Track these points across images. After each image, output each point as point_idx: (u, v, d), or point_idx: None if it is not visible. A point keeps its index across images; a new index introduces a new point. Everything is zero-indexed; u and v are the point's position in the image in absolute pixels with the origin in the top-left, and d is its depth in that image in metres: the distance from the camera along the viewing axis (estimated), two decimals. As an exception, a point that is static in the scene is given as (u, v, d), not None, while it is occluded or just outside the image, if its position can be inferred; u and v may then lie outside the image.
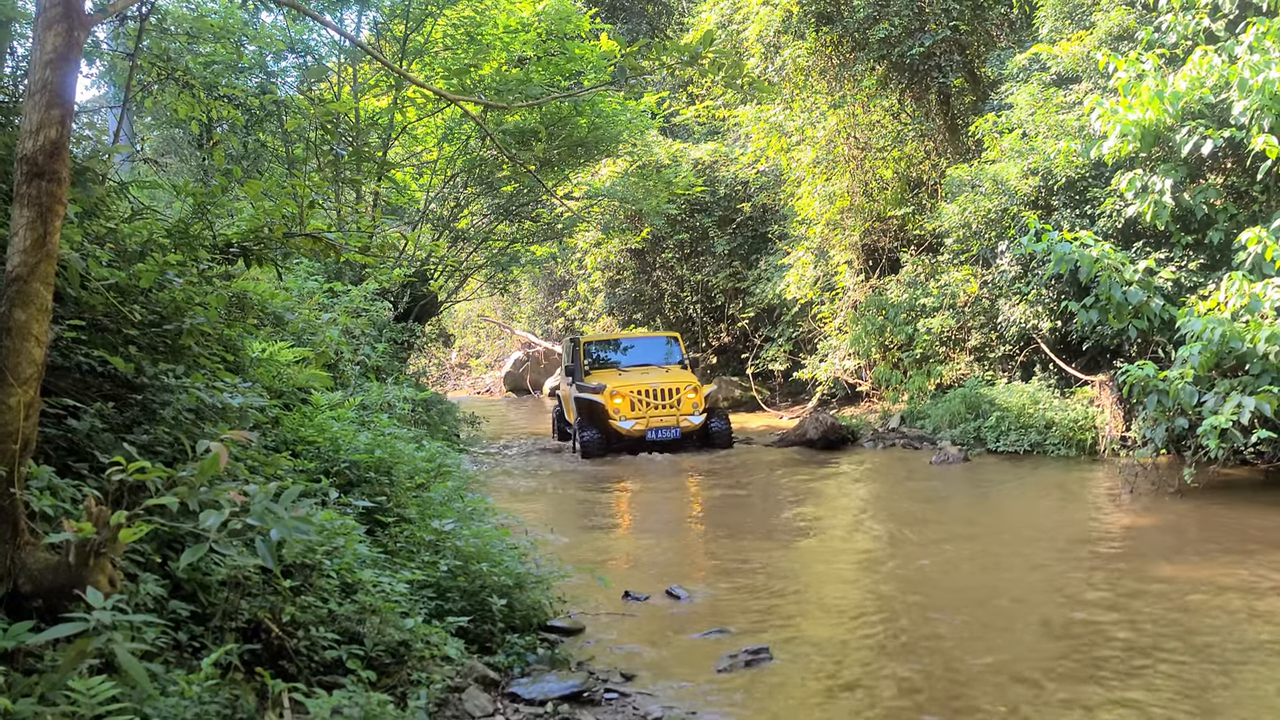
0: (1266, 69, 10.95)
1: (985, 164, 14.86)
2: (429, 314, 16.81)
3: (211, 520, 3.06)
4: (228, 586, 3.87)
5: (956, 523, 9.86)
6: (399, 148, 16.43)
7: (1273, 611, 6.49)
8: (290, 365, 6.58)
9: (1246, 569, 7.59)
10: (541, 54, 14.47)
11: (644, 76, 5.05)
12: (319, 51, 14.70)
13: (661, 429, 15.36)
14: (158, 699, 3.09)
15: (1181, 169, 12.16)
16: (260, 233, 4.93)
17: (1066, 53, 14.20)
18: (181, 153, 15.33)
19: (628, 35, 25.31)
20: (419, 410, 11.08)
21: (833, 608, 7.11)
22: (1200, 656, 5.65)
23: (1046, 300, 14.06)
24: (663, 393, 15.55)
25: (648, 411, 15.39)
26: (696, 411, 15.64)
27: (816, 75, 18.90)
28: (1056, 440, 13.44)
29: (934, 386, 16.56)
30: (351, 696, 3.74)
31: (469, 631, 5.18)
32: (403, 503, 5.83)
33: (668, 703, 4.99)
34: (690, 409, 15.56)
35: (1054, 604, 6.90)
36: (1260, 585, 7.10)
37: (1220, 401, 10.08)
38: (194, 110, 9.30)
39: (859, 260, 19.15)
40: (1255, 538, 8.58)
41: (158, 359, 4.42)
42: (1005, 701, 5.06)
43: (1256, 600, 6.73)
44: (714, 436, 15.70)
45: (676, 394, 15.56)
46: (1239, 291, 10.37)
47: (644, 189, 19.18)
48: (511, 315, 35.31)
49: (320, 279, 9.29)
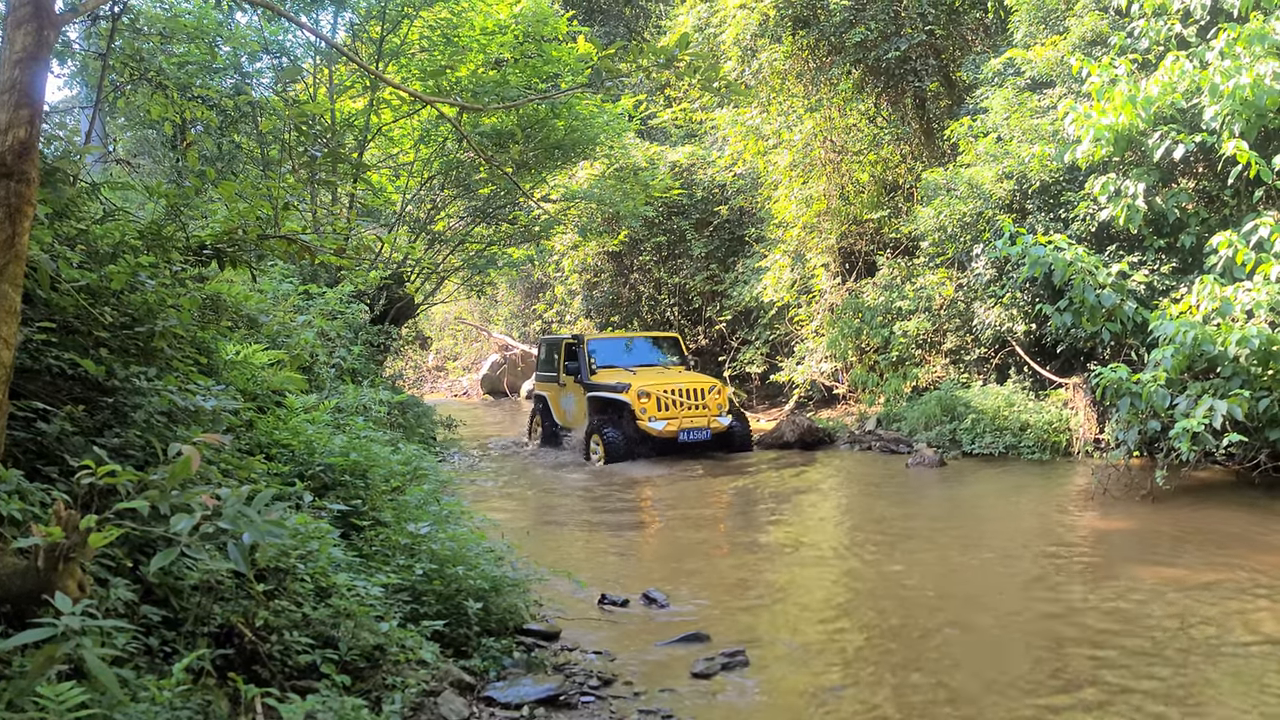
0: (1237, 75, 11.08)
1: (960, 168, 14.95)
2: (405, 316, 16.74)
3: (183, 524, 3.02)
4: (200, 591, 3.84)
5: (931, 526, 9.91)
6: (375, 149, 16.36)
7: (1241, 612, 6.56)
8: (265, 368, 6.53)
9: (1217, 571, 7.67)
10: (518, 56, 14.44)
11: (621, 79, 5.05)
12: (295, 53, 14.64)
13: (694, 430, 14.67)
14: (128, 705, 3.05)
15: (1154, 173, 12.28)
16: (234, 234, 4.89)
17: (1041, 58, 14.31)
18: (155, 154, 15.19)
19: (605, 38, 25.30)
20: (395, 413, 11.03)
21: (809, 611, 7.12)
22: (1170, 657, 5.70)
23: (1021, 303, 14.15)
24: (691, 392, 14.92)
25: (680, 412, 14.71)
26: (723, 412, 15.14)
27: (793, 79, 18.96)
28: (1031, 443, 13.52)
29: (910, 389, 16.63)
30: (325, 701, 3.71)
31: (444, 635, 5.15)
32: (378, 506, 5.79)
33: (644, 706, 4.98)
34: (717, 410, 15.02)
35: (1026, 607, 6.94)
36: (1230, 587, 7.17)
37: (1192, 404, 10.18)
38: (167, 111, 9.23)
39: (836, 263, 19.21)
40: (1226, 540, 8.67)
41: (129, 361, 4.38)
42: (977, 704, 5.09)
43: (1228, 601, 6.80)
44: (736, 438, 15.25)
45: (704, 394, 15.00)
46: (1210, 295, 10.48)
47: (621, 191, 19.16)
48: (489, 318, 35.22)
49: (295, 281, 9.23)
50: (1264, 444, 10.58)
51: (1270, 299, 10.16)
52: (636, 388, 14.62)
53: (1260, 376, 10.34)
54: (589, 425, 15.02)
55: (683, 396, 14.77)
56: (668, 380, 15.07)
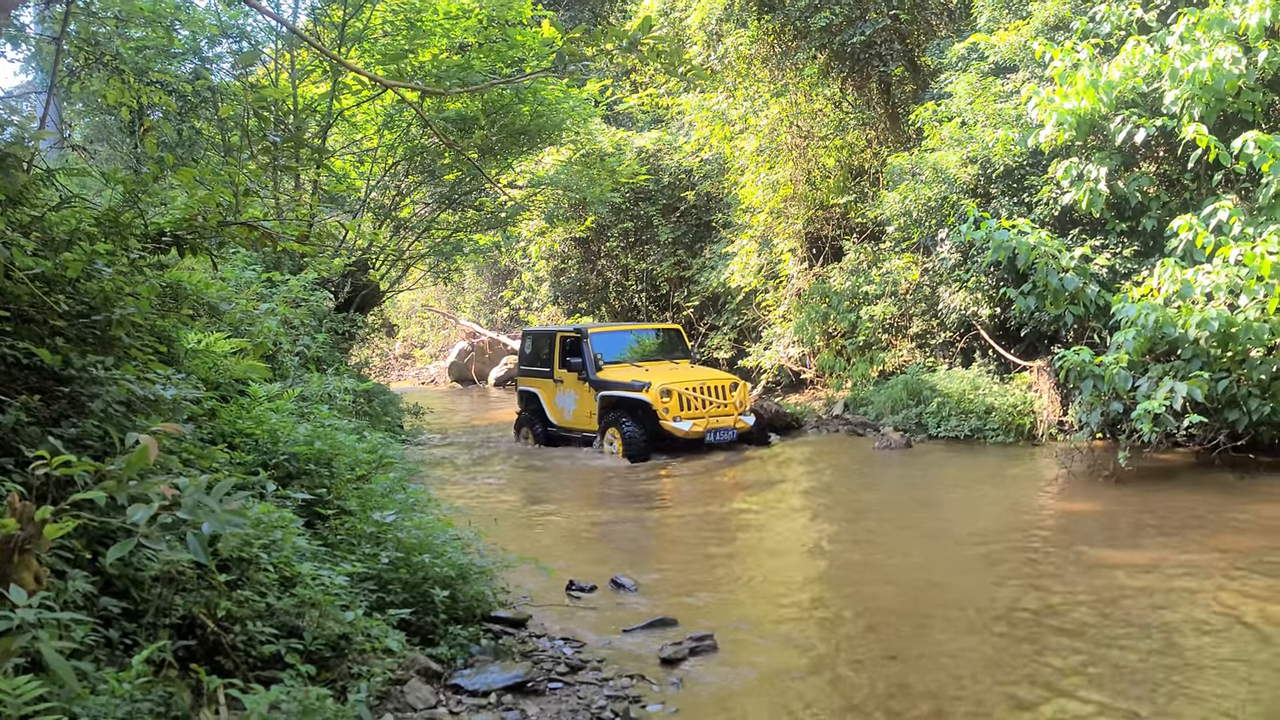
0: (1197, 59, 11.19)
1: (925, 152, 15.01)
2: (371, 304, 16.59)
3: (140, 515, 2.98)
4: (161, 582, 3.79)
5: (898, 510, 9.98)
6: (338, 135, 16.20)
7: (1203, 591, 6.66)
8: (227, 356, 6.45)
9: (1179, 551, 7.78)
10: (482, 40, 14.33)
11: (585, 63, 5.02)
12: (255, 37, 14.43)
13: (720, 430, 13.94)
14: (87, 698, 3.02)
15: (1116, 157, 12.39)
16: (194, 221, 4.81)
17: (1004, 42, 14.37)
18: (112, 140, 14.96)
19: (570, 22, 25.18)
20: (360, 401, 10.95)
21: (777, 596, 7.16)
22: (1135, 636, 5.78)
23: (985, 287, 14.24)
24: (715, 390, 14.20)
25: (706, 411, 13.94)
26: (746, 410, 14.44)
27: (759, 63, 18.95)
28: (996, 425, 13.64)
29: (877, 373, 16.73)
30: (290, 691, 3.68)
31: (411, 624, 5.13)
32: (343, 495, 5.75)
33: (612, 692, 4.98)
34: (741, 408, 14.33)
35: (992, 589, 7.01)
36: (1192, 566, 7.28)
37: (1153, 386, 10.30)
38: (124, 96, 9.09)
39: (802, 248, 19.26)
40: (1188, 520, 8.79)
41: (86, 350, 4.31)
42: (944, 688, 5.13)
43: (1190, 580, 6.90)
44: (755, 435, 14.48)
45: (726, 392, 14.25)
46: (1171, 278, 10.59)
47: (588, 177, 19.08)
48: (456, 305, 35.03)
49: (258, 268, 9.12)
50: (1223, 425, 10.73)
51: (1229, 281, 10.28)
52: (658, 386, 13.81)
53: (1220, 358, 10.48)
54: (604, 422, 14.25)
55: (707, 395, 14.10)
56: (687, 377, 14.35)
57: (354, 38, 14.34)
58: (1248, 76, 11.25)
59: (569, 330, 15.71)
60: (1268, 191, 10.79)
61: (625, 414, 13.95)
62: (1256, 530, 8.25)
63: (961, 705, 4.85)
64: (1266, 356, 10.35)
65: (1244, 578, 6.90)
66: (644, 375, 14.32)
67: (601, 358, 14.88)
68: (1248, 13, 10.96)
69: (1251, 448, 11.01)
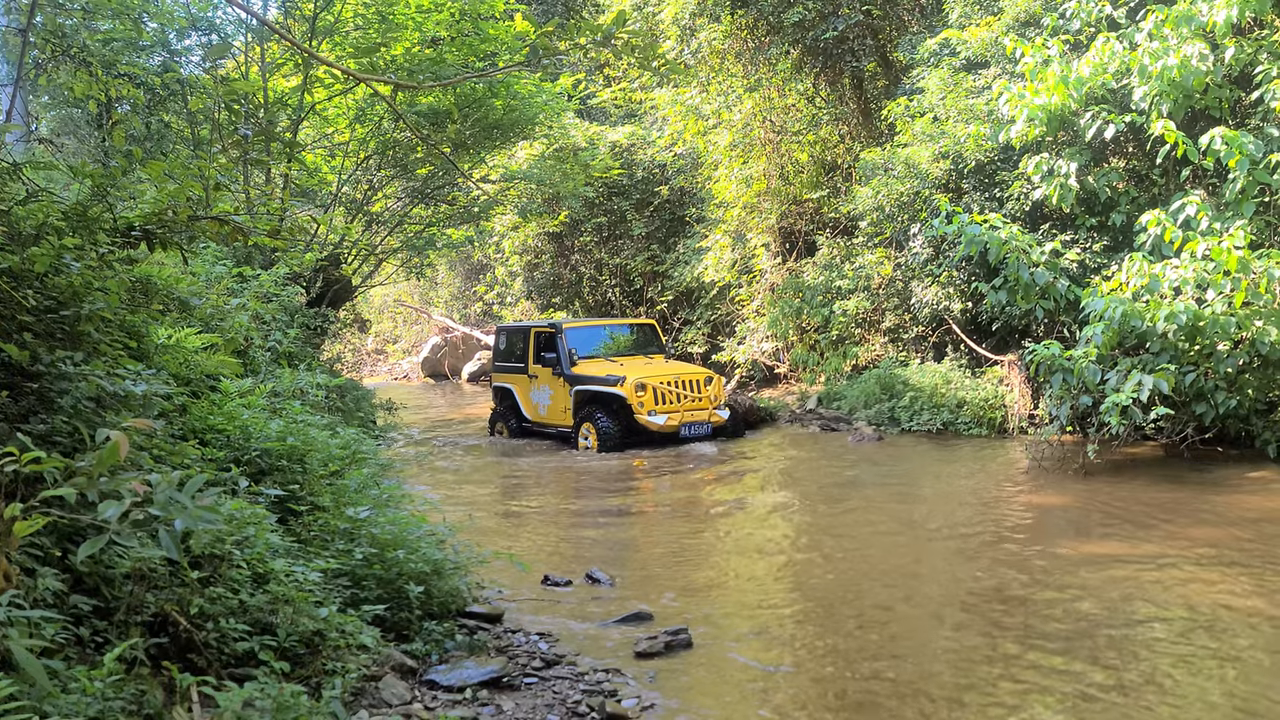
0: (1165, 56, 11.31)
1: (898, 148, 15.09)
2: (343, 299, 16.48)
3: (111, 511, 2.95)
4: (132, 579, 3.76)
5: (871, 504, 10.03)
6: (310, 129, 16.06)
7: (1171, 582, 6.74)
8: (198, 352, 6.39)
9: (1148, 543, 7.88)
10: (455, 34, 14.23)
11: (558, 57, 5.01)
12: (225, 29, 14.28)
13: (695, 424, 14.03)
14: (58, 696, 2.99)
15: (1085, 153, 12.50)
16: (164, 216, 4.76)
17: (975, 38, 14.47)
18: (79, 133, 14.77)
19: (543, 16, 25.08)
20: (333, 397, 10.89)
21: (751, 590, 7.18)
22: (1105, 628, 5.84)
23: (957, 282, 14.34)
24: (690, 384, 14.25)
25: (680, 405, 14.02)
26: (720, 404, 14.57)
27: (732, 58, 18.98)
28: (968, 419, 13.74)
29: (850, 367, 16.81)
30: (264, 688, 3.65)
31: (385, 620, 5.11)
32: (316, 491, 5.71)
33: (587, 686, 4.99)
34: (716, 402, 14.46)
35: (965, 583, 7.06)
36: (1160, 558, 7.36)
37: (1122, 379, 10.41)
38: (92, 89, 8.98)
39: (776, 243, 19.31)
40: (1155, 512, 8.90)
41: (54, 346, 4.26)
42: (916, 683, 5.17)
43: (1158, 572, 6.98)
44: (729, 429, 14.63)
45: (701, 386, 14.34)
46: (1139, 272, 10.70)
47: (561, 172, 19.03)
48: (429, 300, 34.88)
49: (229, 263, 9.04)
50: (1190, 418, 10.87)
51: (1196, 276, 10.40)
52: (632, 380, 13.88)
53: (1187, 352, 10.61)
54: (579, 416, 14.33)
55: (681, 388, 14.16)
56: (662, 372, 14.39)
57: (325, 31, 14.23)
58: (1215, 73, 11.38)
59: (543, 325, 15.69)
60: (1234, 187, 10.93)
61: (600, 409, 13.99)
62: (1221, 522, 8.35)
63: (936, 697, 4.89)
64: (1233, 350, 10.49)
65: (1208, 568, 6.99)
66: (619, 370, 14.34)
67: (576, 353, 14.91)
68: (1215, 10, 11.08)
69: (1218, 441, 11.15)
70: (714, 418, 14.29)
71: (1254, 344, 10.28)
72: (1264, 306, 10.30)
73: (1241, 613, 6.02)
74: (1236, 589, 6.51)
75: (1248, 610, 6.06)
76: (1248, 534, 7.91)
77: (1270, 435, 10.84)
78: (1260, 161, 10.75)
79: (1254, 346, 10.30)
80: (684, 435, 13.98)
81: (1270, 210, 11.37)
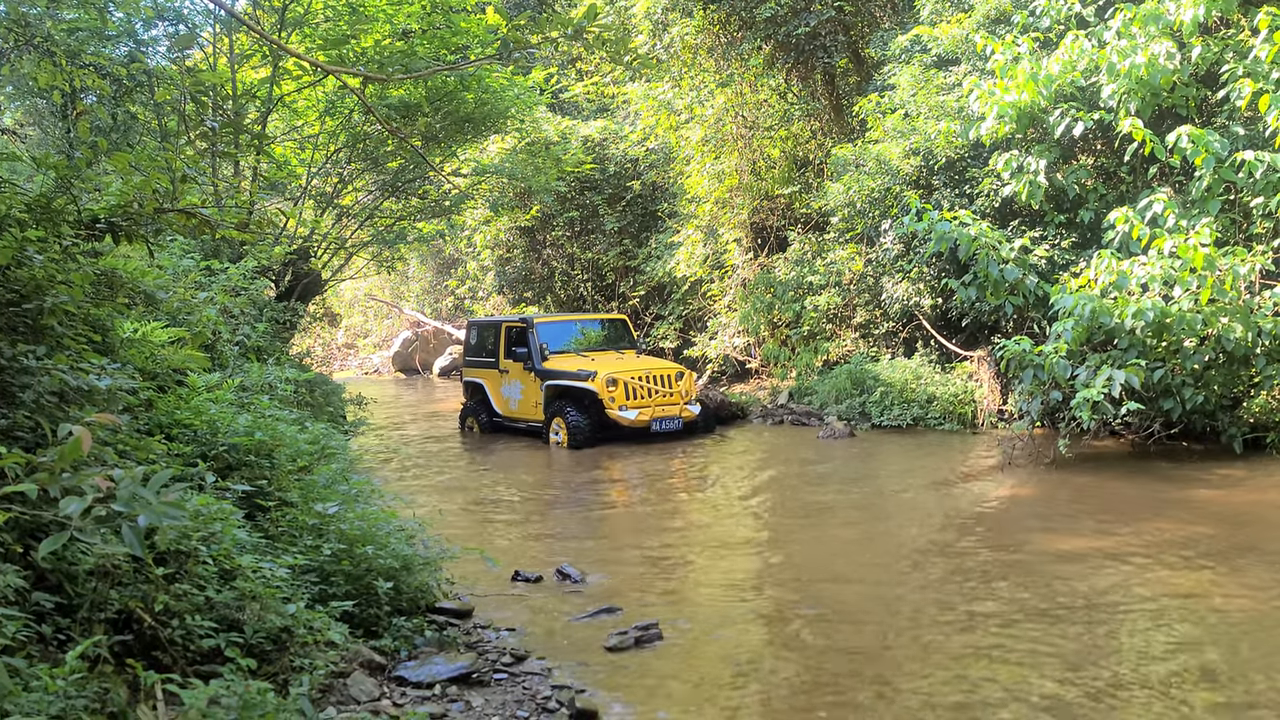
0: (1133, 54, 11.41)
1: (869, 144, 15.15)
2: (313, 292, 16.34)
3: (74, 507, 2.90)
4: (96, 576, 3.71)
5: (842, 498, 10.07)
6: (279, 121, 15.92)
7: (1139, 574, 6.81)
8: (165, 346, 6.33)
9: (1116, 536, 7.95)
10: (426, 26, 14.14)
11: (530, 51, 4.98)
12: (192, 20, 14.13)
13: (665, 420, 14.01)
14: (19, 694, 2.95)
15: (1055, 150, 12.60)
16: (130, 208, 4.70)
17: (946, 35, 14.54)
18: (44, 124, 14.57)
19: (514, 9, 24.98)
20: (302, 392, 10.79)
21: (722, 585, 7.19)
22: (1075, 619, 5.89)
23: (928, 278, 14.42)
24: (660, 379, 14.21)
25: (651, 400, 13.99)
26: (692, 400, 14.55)
27: (705, 53, 18.98)
28: (938, 414, 13.83)
29: (821, 363, 16.87)
30: (230, 685, 3.62)
31: (354, 616, 5.08)
32: (285, 486, 5.66)
33: (557, 682, 4.98)
34: (686, 397, 14.41)
35: (935, 576, 7.11)
36: (1129, 551, 7.44)
37: (1091, 375, 10.50)
38: (56, 79, 8.84)
39: (748, 238, 19.34)
40: (1125, 506, 9.00)
41: (17, 340, 4.20)
42: (889, 675, 5.19)
43: (1126, 565, 7.05)
44: (700, 424, 14.63)
45: (672, 381, 14.29)
46: (1108, 269, 10.80)
47: (533, 166, 18.96)
48: (400, 294, 34.68)
49: (196, 256, 8.95)
50: (1158, 413, 10.99)
51: (1164, 273, 10.50)
52: (603, 375, 13.82)
53: (1155, 348, 10.72)
54: (549, 411, 14.25)
55: (652, 384, 14.13)
56: (633, 367, 14.32)
57: (295, 22, 14.09)
58: (1182, 72, 11.50)
59: (515, 320, 15.67)
60: (1200, 185, 11.05)
61: (571, 403, 13.95)
62: (1186, 516, 8.44)
63: (905, 690, 4.91)
64: (1199, 346, 10.61)
65: (1174, 562, 7.07)
66: (590, 365, 14.30)
67: (547, 347, 14.85)
68: (1182, 9, 11.19)
69: (1184, 436, 11.28)
70: (685, 413, 14.28)
71: (1219, 340, 10.41)
72: (1229, 303, 10.42)
73: (1203, 599, 6.10)
74: (1195, 579, 6.59)
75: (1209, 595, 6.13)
76: (1212, 527, 8.00)
77: (1235, 430, 10.97)
78: (1226, 159, 10.87)
79: (1219, 343, 10.43)
80: (655, 430, 13.96)
81: (1235, 208, 11.51)
